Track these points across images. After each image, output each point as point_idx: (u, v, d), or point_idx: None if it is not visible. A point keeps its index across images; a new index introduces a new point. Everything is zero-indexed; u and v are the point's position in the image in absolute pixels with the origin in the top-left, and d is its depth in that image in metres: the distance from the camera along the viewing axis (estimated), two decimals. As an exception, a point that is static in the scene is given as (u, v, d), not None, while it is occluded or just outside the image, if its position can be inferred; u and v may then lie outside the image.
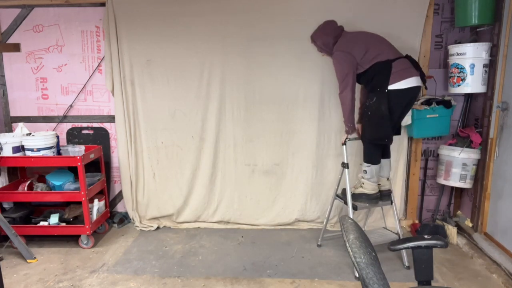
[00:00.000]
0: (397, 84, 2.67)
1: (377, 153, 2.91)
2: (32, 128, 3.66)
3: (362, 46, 2.79)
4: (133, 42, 3.45)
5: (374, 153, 2.90)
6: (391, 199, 3.04)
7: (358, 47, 2.79)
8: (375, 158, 2.90)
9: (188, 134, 3.61)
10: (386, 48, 2.80)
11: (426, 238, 1.67)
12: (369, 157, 2.91)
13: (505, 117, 2.93)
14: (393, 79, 2.67)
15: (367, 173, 2.91)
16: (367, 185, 2.94)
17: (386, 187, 3.04)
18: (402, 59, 2.76)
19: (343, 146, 3.03)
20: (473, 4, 2.95)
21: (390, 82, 2.67)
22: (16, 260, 3.13)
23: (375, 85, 2.75)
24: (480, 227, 3.20)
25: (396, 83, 2.67)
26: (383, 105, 2.69)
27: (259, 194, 3.68)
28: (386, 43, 2.85)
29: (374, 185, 2.95)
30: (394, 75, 2.67)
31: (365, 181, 2.95)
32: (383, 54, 2.75)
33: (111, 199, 3.91)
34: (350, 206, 2.93)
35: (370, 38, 2.86)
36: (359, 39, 2.85)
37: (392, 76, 2.67)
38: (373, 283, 1.18)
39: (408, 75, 2.69)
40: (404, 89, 2.69)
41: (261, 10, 3.34)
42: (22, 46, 3.66)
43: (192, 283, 2.78)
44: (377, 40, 2.85)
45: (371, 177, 2.92)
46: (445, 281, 2.76)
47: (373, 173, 2.91)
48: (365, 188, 2.95)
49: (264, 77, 3.46)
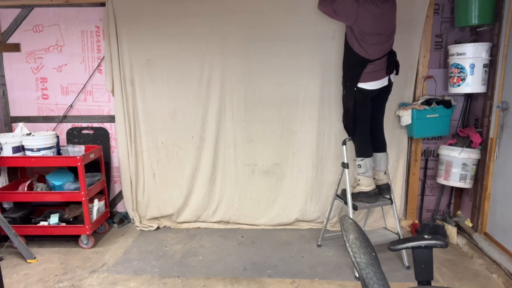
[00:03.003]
0: (364, 84, 2.84)
1: (366, 146, 2.97)
2: (32, 128, 3.66)
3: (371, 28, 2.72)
4: (133, 42, 3.45)
5: (362, 146, 2.96)
6: (391, 195, 3.04)
7: (366, 25, 2.72)
8: (365, 151, 2.96)
9: (188, 134, 3.61)
10: (379, 48, 2.79)
11: (426, 238, 1.67)
12: (359, 150, 2.98)
13: (505, 117, 2.93)
14: (362, 78, 2.82)
15: (362, 167, 2.95)
16: (363, 181, 2.96)
17: (383, 181, 3.05)
18: (380, 59, 2.80)
19: (343, 146, 3.04)
20: (473, 4, 2.95)
21: (360, 81, 2.82)
22: (16, 260, 3.13)
23: (347, 79, 2.92)
24: (480, 227, 3.20)
25: (364, 82, 2.83)
26: (350, 101, 2.90)
27: (259, 194, 3.68)
28: (386, 42, 2.83)
29: (370, 180, 2.96)
30: (365, 75, 2.81)
31: (360, 177, 2.97)
32: (371, 53, 2.76)
33: (111, 199, 3.91)
34: (350, 206, 2.93)
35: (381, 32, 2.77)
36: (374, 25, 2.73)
37: (363, 75, 2.81)
38: (373, 283, 1.18)
39: (378, 77, 2.85)
40: (369, 90, 2.86)
41: (261, 11, 3.34)
42: (22, 46, 3.66)
43: (192, 283, 2.78)
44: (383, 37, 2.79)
45: (366, 171, 2.95)
46: (445, 281, 2.76)
47: (367, 167, 2.94)
48: (362, 185, 2.97)
49: (264, 77, 3.46)
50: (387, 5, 2.78)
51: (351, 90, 2.87)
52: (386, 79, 2.90)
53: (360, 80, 2.82)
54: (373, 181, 3.00)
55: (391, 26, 2.83)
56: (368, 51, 2.76)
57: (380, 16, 2.75)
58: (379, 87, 2.88)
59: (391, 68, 2.89)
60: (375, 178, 3.03)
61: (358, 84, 2.84)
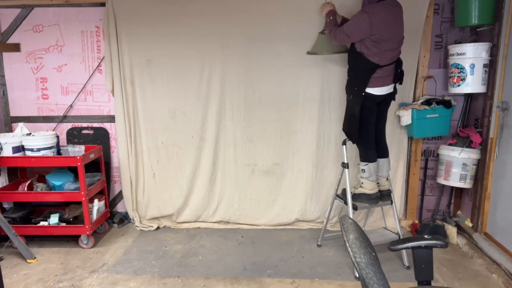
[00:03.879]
0: (372, 89, 2.83)
1: (371, 151, 2.96)
2: (32, 128, 3.66)
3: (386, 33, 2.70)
4: (133, 42, 3.45)
5: (367, 151, 2.96)
6: (391, 199, 3.04)
7: (383, 32, 2.70)
8: (370, 156, 2.95)
9: (188, 134, 3.61)
10: (389, 55, 2.78)
11: (426, 238, 1.67)
12: (364, 155, 2.96)
13: (505, 117, 2.93)
14: (370, 83, 2.81)
15: (365, 172, 2.94)
16: (366, 185, 2.96)
17: (385, 187, 3.05)
18: (389, 66, 2.81)
19: (343, 146, 3.04)
20: (473, 4, 2.95)
21: (368, 86, 2.81)
22: (16, 260, 3.13)
23: (354, 82, 2.88)
24: (480, 227, 3.20)
25: (372, 87, 2.82)
26: (356, 106, 2.86)
27: (259, 194, 3.68)
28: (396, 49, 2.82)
29: (373, 184, 2.96)
30: (373, 80, 2.80)
31: (364, 181, 2.96)
32: (382, 58, 2.76)
33: (111, 199, 3.91)
34: (350, 206, 2.94)
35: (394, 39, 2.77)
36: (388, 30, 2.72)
37: (372, 80, 2.80)
38: (373, 283, 1.18)
39: (386, 83, 2.85)
40: (376, 95, 2.85)
41: (261, 10, 3.34)
42: (22, 46, 3.66)
43: (192, 283, 2.78)
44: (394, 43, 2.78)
45: (370, 175, 2.94)
46: (445, 281, 2.76)
47: (371, 172, 2.94)
48: (365, 188, 2.96)
49: (264, 77, 3.46)
50: (397, 10, 2.78)
51: (359, 95, 2.83)
52: (392, 86, 2.91)
53: (368, 85, 2.81)
54: (377, 185, 3.01)
55: (401, 32, 2.82)
56: (379, 56, 2.75)
57: (393, 21, 2.74)
58: (385, 93, 2.88)
59: (398, 77, 2.91)
60: (378, 183, 3.03)
61: (366, 89, 2.82)
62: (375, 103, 2.89)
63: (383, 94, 2.87)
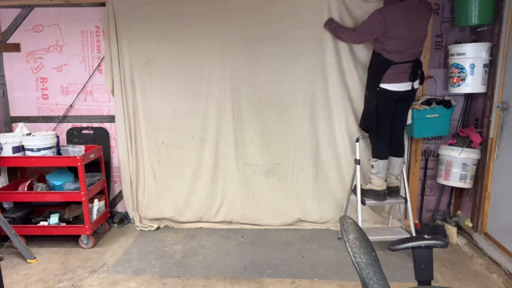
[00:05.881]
0: (387, 85, 2.87)
1: (383, 148, 3.01)
2: (32, 128, 3.65)
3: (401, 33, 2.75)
4: (133, 42, 3.45)
5: (379, 148, 3.02)
6: (401, 196, 3.14)
7: (399, 31, 2.76)
8: (381, 153, 3.01)
9: (189, 134, 3.61)
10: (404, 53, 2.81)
11: (426, 238, 1.67)
12: (376, 152, 3.04)
13: (505, 117, 2.93)
14: (385, 79, 2.85)
15: (374, 168, 3.02)
16: (374, 181, 3.03)
17: (394, 184, 3.12)
18: (404, 64, 2.82)
19: (356, 143, 3.12)
20: (473, 4, 2.95)
21: (382, 82, 2.86)
22: (16, 260, 3.13)
23: (370, 79, 2.98)
24: (480, 227, 3.20)
25: (386, 83, 2.87)
26: (372, 101, 2.94)
27: (261, 194, 3.68)
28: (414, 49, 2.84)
29: (381, 181, 3.02)
30: (387, 76, 2.85)
31: (372, 176, 3.05)
32: (395, 55, 2.80)
33: (111, 199, 3.91)
34: (359, 201, 3.03)
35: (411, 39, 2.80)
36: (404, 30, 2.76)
37: (386, 76, 2.84)
38: (373, 283, 1.18)
39: (401, 80, 2.87)
40: (391, 91, 2.88)
41: (261, 11, 3.34)
42: (22, 46, 3.66)
43: (192, 283, 2.78)
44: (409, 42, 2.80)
45: (378, 172, 3.01)
46: (445, 281, 2.76)
47: (380, 168, 3.00)
48: (373, 184, 3.04)
49: (265, 77, 3.46)
50: (420, 11, 2.79)
51: (374, 90, 2.91)
52: (410, 84, 2.90)
53: (382, 81, 2.86)
54: (385, 182, 3.06)
55: (421, 34, 2.84)
56: (394, 54, 2.80)
57: (411, 21, 2.76)
58: (402, 90, 2.89)
59: (416, 75, 2.91)
60: (387, 180, 3.08)
61: (380, 85, 2.87)
62: (391, 101, 2.93)
63: (399, 91, 2.88)
